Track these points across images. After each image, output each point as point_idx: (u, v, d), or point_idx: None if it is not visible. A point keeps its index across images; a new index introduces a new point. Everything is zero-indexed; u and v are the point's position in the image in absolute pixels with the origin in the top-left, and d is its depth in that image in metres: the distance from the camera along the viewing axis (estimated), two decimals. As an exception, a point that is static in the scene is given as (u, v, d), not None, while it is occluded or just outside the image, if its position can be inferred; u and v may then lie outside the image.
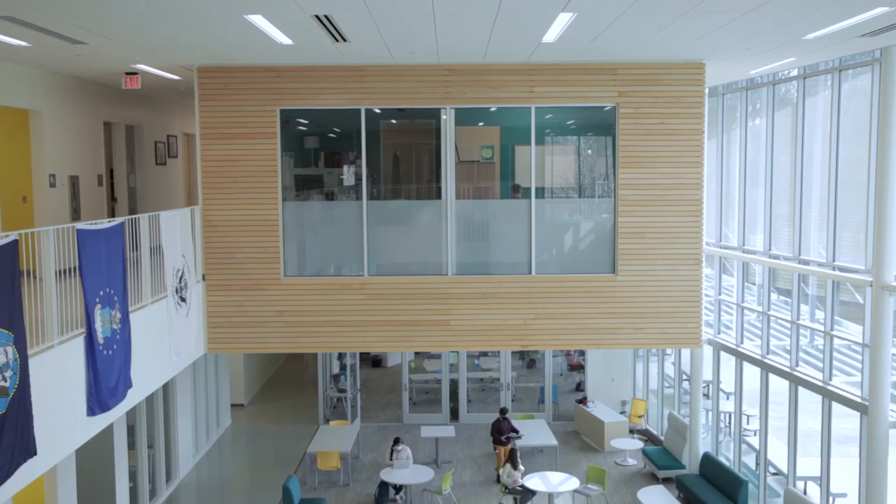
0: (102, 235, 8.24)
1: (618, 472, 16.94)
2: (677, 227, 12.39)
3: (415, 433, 19.05)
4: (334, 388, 21.16)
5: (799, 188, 12.93)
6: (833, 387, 11.82)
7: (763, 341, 13.90)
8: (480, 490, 15.97)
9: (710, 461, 15.13)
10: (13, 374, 6.20)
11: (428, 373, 21.86)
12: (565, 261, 12.86)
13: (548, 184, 13.04)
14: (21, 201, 12.61)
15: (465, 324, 12.45)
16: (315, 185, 13.69)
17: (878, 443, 10.50)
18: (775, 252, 13.71)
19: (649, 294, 12.45)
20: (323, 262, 13.00)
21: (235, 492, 16.41)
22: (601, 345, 12.68)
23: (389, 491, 15.49)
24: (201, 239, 12.19)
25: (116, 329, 8.39)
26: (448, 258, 12.57)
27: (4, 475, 6.15)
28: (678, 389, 17.72)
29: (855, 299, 13.20)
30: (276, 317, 12.37)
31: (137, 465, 14.51)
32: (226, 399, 20.55)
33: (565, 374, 22.32)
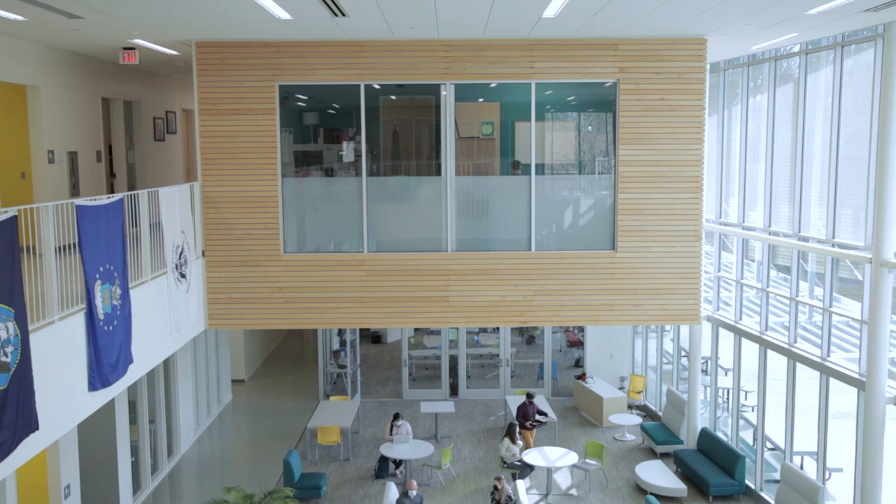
0: (102, 211, 8.23)
1: (616, 447, 17.06)
2: (677, 203, 12.37)
3: (414, 409, 19.17)
4: (334, 363, 21.26)
5: (799, 164, 12.90)
6: (831, 363, 11.87)
7: (762, 318, 13.94)
8: (480, 465, 16.10)
9: (708, 436, 15.24)
10: (14, 350, 6.22)
11: (427, 349, 21.95)
12: (565, 237, 12.86)
13: (548, 160, 13.01)
14: (20, 177, 12.58)
15: (464, 300, 12.48)
16: (314, 162, 13.66)
17: (875, 418, 10.57)
18: (775, 229, 13.70)
19: (649, 270, 12.47)
20: (322, 238, 13.00)
21: (236, 466, 16.53)
22: (600, 321, 12.71)
23: (389, 465, 15.62)
24: (201, 215, 12.18)
25: (117, 305, 8.41)
26: (448, 234, 12.57)
27: (7, 450, 6.20)
28: (677, 366, 17.81)
29: (854, 276, 13.22)
30: (276, 293, 12.40)
31: (139, 440, 14.62)
32: (226, 375, 20.66)
33: (564, 351, 22.42)
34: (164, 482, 15.52)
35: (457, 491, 14.86)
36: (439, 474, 15.43)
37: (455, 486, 15.06)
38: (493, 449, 16.79)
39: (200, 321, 12.07)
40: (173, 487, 15.42)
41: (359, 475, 15.69)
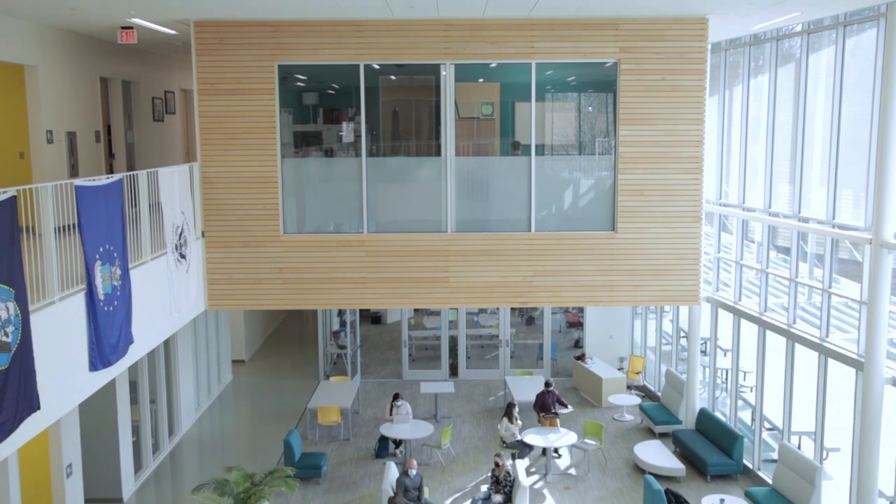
0: (101, 192, 8.22)
1: (615, 427, 17.15)
2: (677, 184, 12.35)
3: (414, 389, 19.24)
4: (334, 344, 21.32)
5: (800, 145, 12.86)
6: (830, 344, 11.90)
7: (761, 299, 13.96)
8: (479, 445, 16.18)
9: (707, 416, 15.31)
10: (15, 330, 6.23)
11: (427, 329, 22.01)
12: (565, 218, 12.86)
13: (548, 141, 12.97)
14: (18, 158, 12.55)
15: (464, 281, 12.49)
16: (314, 142, 13.63)
17: (873, 398, 10.62)
18: (775, 210, 13.69)
19: (648, 251, 12.47)
20: (322, 219, 12.99)
21: (237, 446, 16.63)
22: (600, 302, 12.74)
23: (389, 445, 15.71)
24: (200, 196, 12.16)
25: (117, 285, 8.42)
26: (447, 215, 12.55)
27: (9, 429, 6.22)
28: (676, 346, 17.86)
29: (854, 257, 13.22)
30: (276, 274, 12.41)
31: (140, 420, 14.69)
32: (227, 355, 20.72)
33: (564, 331, 22.48)
34: (165, 462, 15.61)
35: (456, 470, 14.95)
36: (439, 454, 15.52)
37: (455, 466, 15.15)
38: (492, 429, 16.88)
39: (200, 302, 12.09)
40: (174, 467, 15.51)
41: (359, 455, 15.78)
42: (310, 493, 14.01)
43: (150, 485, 14.51)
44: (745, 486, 13.91)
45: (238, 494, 10.85)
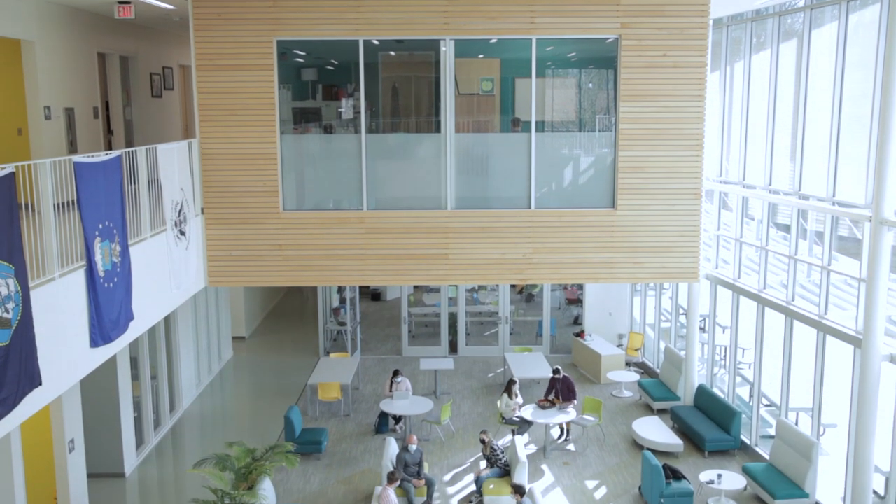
0: (100, 168, 8.19)
1: (614, 403, 17.24)
2: (678, 161, 12.31)
3: (414, 366, 19.33)
4: (334, 321, 21.37)
5: (801, 122, 12.81)
6: (828, 321, 11.94)
7: (760, 276, 13.98)
8: (479, 420, 16.28)
9: (705, 393, 15.39)
10: (15, 306, 6.24)
11: (427, 306, 22.05)
12: (565, 195, 12.83)
13: (548, 117, 12.91)
14: (16, 134, 12.50)
15: (464, 257, 12.49)
16: (313, 118, 13.57)
17: (870, 375, 10.66)
18: (776, 187, 13.66)
19: (648, 228, 12.46)
20: (322, 195, 12.96)
21: (238, 422, 16.73)
22: (599, 279, 12.74)
23: (389, 421, 15.80)
24: (199, 172, 12.12)
25: (116, 262, 8.42)
26: (447, 192, 12.53)
27: (10, 405, 6.25)
28: (675, 323, 17.91)
29: (853, 235, 13.22)
30: (276, 250, 12.41)
31: (141, 396, 14.77)
32: (227, 332, 20.78)
33: (563, 308, 22.53)
34: (166, 437, 15.71)
35: (456, 446, 15.05)
36: (439, 430, 15.61)
37: (454, 441, 15.25)
38: (491, 405, 16.97)
39: (200, 278, 12.09)
40: (176, 442, 15.62)
41: (359, 431, 15.88)
42: (310, 468, 14.11)
43: (151, 460, 14.62)
44: (742, 461, 14.01)
45: (239, 469, 10.93)
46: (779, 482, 12.44)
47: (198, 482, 12.62)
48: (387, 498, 11.21)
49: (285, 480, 13.60)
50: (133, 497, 13.26)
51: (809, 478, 12.15)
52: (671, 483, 12.35)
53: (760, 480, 12.61)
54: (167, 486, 13.75)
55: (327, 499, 13.02)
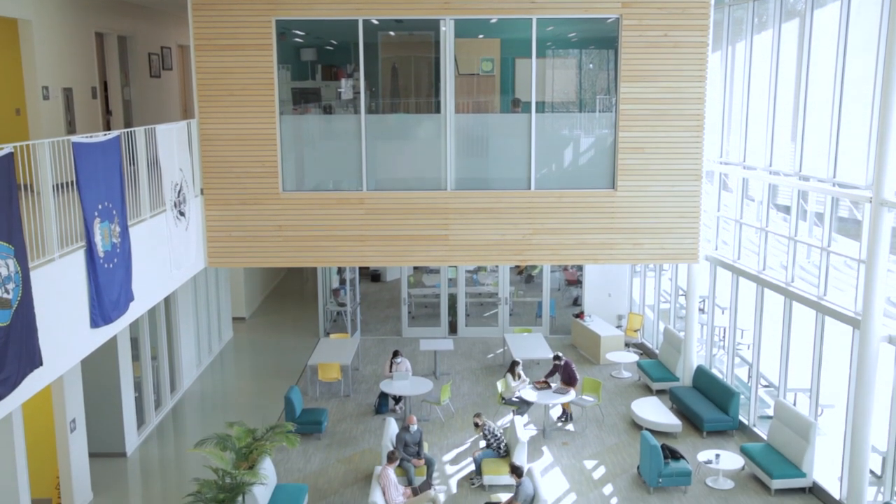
0: (99, 149, 8.17)
1: (613, 384, 17.31)
2: (678, 142, 12.29)
3: (414, 346, 19.38)
4: (334, 302, 21.41)
5: (803, 103, 12.76)
6: (827, 302, 11.96)
7: (760, 257, 13.98)
8: (478, 401, 16.35)
9: (704, 374, 15.44)
10: (16, 287, 6.25)
11: (427, 287, 22.08)
12: (565, 176, 12.81)
13: (548, 98, 12.86)
14: (14, 114, 12.45)
15: (463, 239, 12.49)
16: (312, 99, 13.52)
17: (868, 355, 10.69)
18: (776, 168, 13.63)
19: (648, 209, 12.45)
20: (321, 176, 12.94)
21: (238, 402, 16.79)
22: (599, 260, 12.75)
23: (389, 402, 15.86)
24: (199, 153, 12.10)
25: (116, 243, 8.42)
26: (447, 173, 12.51)
27: (12, 385, 6.28)
28: (674, 304, 17.94)
29: (853, 216, 13.21)
30: (275, 231, 12.40)
31: (142, 376, 14.82)
32: (227, 312, 20.82)
33: (563, 289, 22.56)
34: (167, 417, 15.79)
35: (455, 426, 15.12)
36: (438, 410, 15.68)
37: (454, 422, 15.32)
38: (491, 386, 17.03)
39: (200, 259, 12.10)
40: (177, 422, 15.69)
41: (359, 411, 15.95)
42: (311, 448, 14.19)
43: (152, 440, 14.70)
44: (740, 441, 14.09)
45: (240, 449, 10.99)
46: (776, 462, 12.51)
47: (199, 462, 12.70)
48: (387, 477, 11.28)
49: (286, 460, 13.68)
50: (135, 476, 13.35)
51: (807, 458, 12.23)
52: (669, 463, 12.42)
53: (758, 460, 12.68)
54: (168, 465, 13.84)
55: (327, 478, 13.10)
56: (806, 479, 12.31)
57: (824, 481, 12.28)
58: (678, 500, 12.26)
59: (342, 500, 12.39)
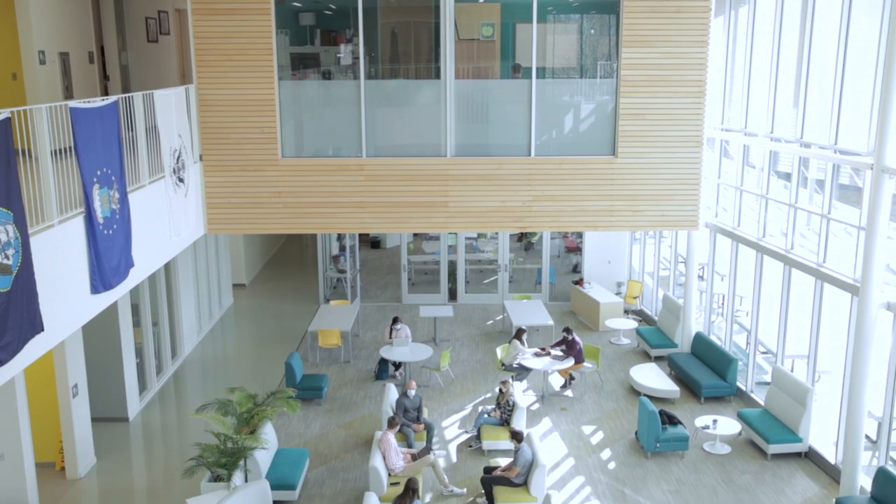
0: (97, 114, 8.12)
1: (611, 350, 17.40)
2: (679, 108, 12.20)
3: (413, 313, 19.45)
4: (334, 268, 21.44)
5: (805, 69, 12.66)
6: (826, 269, 11.97)
7: (760, 224, 13.97)
8: (477, 367, 16.45)
9: (702, 340, 15.52)
10: (15, 253, 6.25)
11: (426, 254, 22.10)
12: (565, 142, 12.75)
13: (549, 64, 12.75)
14: (11, 79, 12.36)
15: (463, 205, 12.47)
16: (311, 64, 13.40)
17: (866, 322, 10.74)
18: (777, 135, 13.57)
19: (648, 176, 12.41)
20: (321, 142, 12.88)
21: (239, 368, 16.90)
22: (599, 227, 12.74)
23: (389, 368, 15.96)
24: (197, 119, 12.02)
25: (115, 209, 8.40)
26: (447, 139, 12.45)
27: (13, 350, 6.31)
28: (674, 271, 17.97)
29: (854, 183, 13.18)
30: (275, 198, 12.38)
31: (143, 342, 14.89)
32: (227, 279, 20.86)
33: (562, 256, 22.58)
34: (169, 383, 15.89)
35: (455, 392, 15.23)
36: (438, 376, 15.79)
37: (453, 388, 15.43)
38: (490, 352, 17.12)
39: (200, 225, 12.09)
40: (178, 388, 15.81)
41: (359, 377, 16.05)
42: (311, 414, 14.31)
43: (154, 405, 14.81)
44: (737, 407, 14.20)
45: (241, 414, 11.07)
46: (773, 427, 12.63)
47: (200, 427, 12.82)
48: (387, 442, 11.39)
49: (286, 425, 13.80)
50: (137, 441, 13.47)
51: (803, 423, 12.33)
52: (667, 428, 12.53)
53: (755, 426, 12.80)
54: (170, 430, 13.96)
55: (328, 443, 13.22)
56: (802, 444, 12.43)
57: (820, 446, 12.40)
58: (675, 465, 12.39)
59: (343, 464, 12.52)
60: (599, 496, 11.56)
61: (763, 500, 11.40)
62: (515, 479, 11.02)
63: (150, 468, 12.58)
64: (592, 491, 11.71)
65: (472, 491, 11.65)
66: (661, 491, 11.66)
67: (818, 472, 12.16)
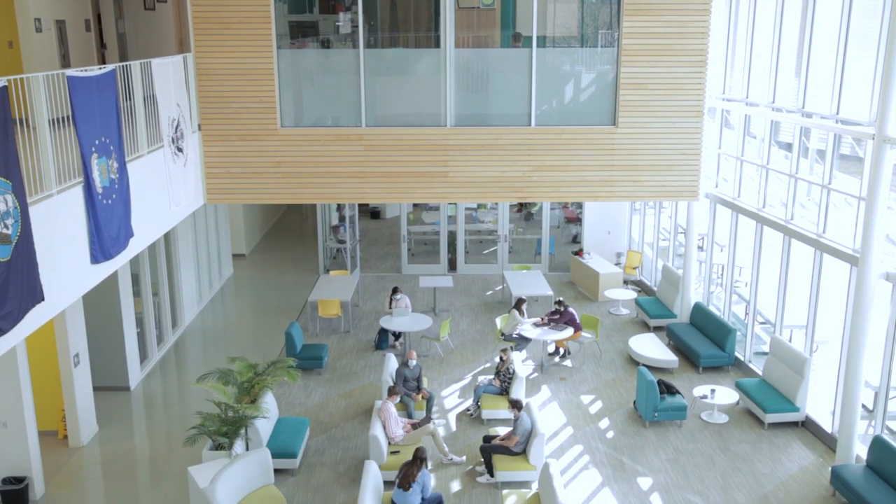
0: (94, 83, 8.06)
1: (610, 320, 17.46)
2: (681, 77, 12.12)
3: (413, 283, 19.49)
4: (334, 239, 21.44)
5: (808, 38, 12.55)
6: (826, 239, 11.97)
7: (760, 194, 13.95)
8: (477, 337, 16.52)
9: (701, 310, 15.57)
10: (15, 222, 6.24)
11: (426, 224, 22.10)
12: (565, 112, 12.67)
13: (550, 33, 12.63)
14: (7, 47, 12.26)
15: (463, 175, 12.43)
16: (310, 33, 13.27)
17: (865, 292, 10.76)
18: (779, 105, 13.49)
19: (649, 146, 12.36)
20: (320, 112, 12.80)
21: (239, 338, 16.97)
22: (599, 197, 12.71)
23: (389, 338, 16.03)
24: (195, 88, 11.94)
25: (114, 179, 8.38)
26: (447, 109, 12.37)
27: (14, 319, 6.33)
28: (673, 242, 17.98)
29: (855, 153, 13.12)
30: (274, 168, 12.34)
31: (143, 312, 14.93)
32: (227, 249, 20.88)
33: (562, 227, 22.58)
34: (169, 352, 15.97)
35: (454, 362, 15.31)
36: (438, 346, 15.86)
37: (453, 357, 15.50)
38: (490, 322, 17.18)
39: (199, 195, 12.07)
40: (179, 358, 15.88)
41: (359, 347, 16.12)
42: (311, 383, 14.40)
43: (155, 374, 14.90)
44: (735, 377, 14.28)
45: (242, 383, 11.14)
46: (770, 397, 12.71)
47: (201, 396, 12.90)
48: (387, 411, 11.47)
49: (287, 394, 13.90)
50: (139, 409, 13.57)
51: (800, 392, 12.42)
52: (665, 398, 12.62)
53: (752, 395, 12.88)
54: (171, 399, 14.06)
55: (328, 412, 13.32)
56: (799, 413, 12.53)
57: (817, 415, 12.49)
58: (673, 434, 12.49)
59: (343, 433, 12.62)
60: (597, 465, 11.67)
61: (759, 468, 11.51)
62: (514, 448, 11.12)
63: (151, 436, 12.68)
64: (591, 460, 11.82)
65: (471, 459, 11.76)
66: (659, 459, 11.77)
67: (814, 441, 12.27)
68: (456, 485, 11.17)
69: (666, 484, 11.14)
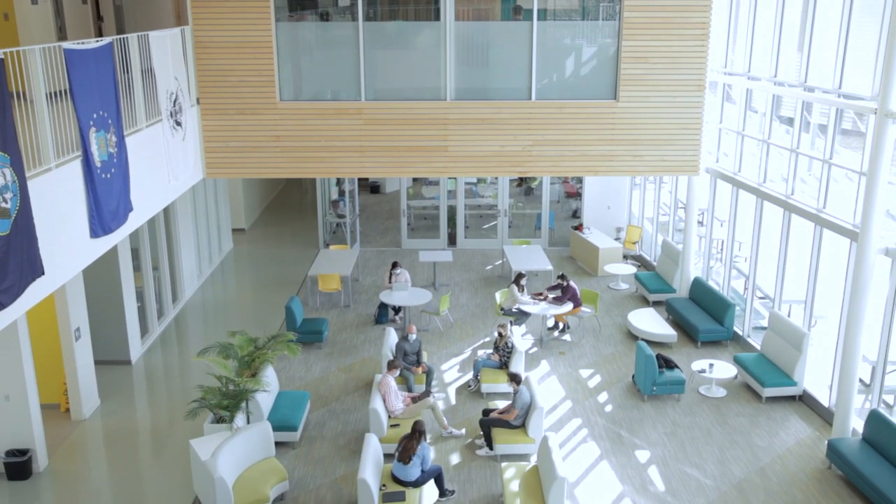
0: (91, 56, 8.00)
1: (610, 295, 17.49)
2: (682, 51, 12.03)
3: (413, 258, 19.50)
4: (333, 213, 21.42)
5: (811, 11, 12.44)
6: (826, 214, 11.96)
7: (760, 169, 13.91)
8: (476, 312, 16.56)
9: (700, 285, 15.59)
10: (13, 196, 6.23)
11: (426, 199, 22.07)
12: (566, 86, 12.60)
13: (550, 5, 12.53)
14: (3, 19, 12.15)
15: (463, 150, 12.39)
16: (309, 5, 13.15)
17: (864, 267, 10.76)
18: (781, 79, 13.41)
19: (650, 121, 12.30)
20: (319, 86, 12.73)
21: (240, 312, 17.00)
22: (599, 172, 12.68)
23: (389, 312, 16.07)
24: (193, 61, 11.86)
25: (113, 153, 8.35)
26: (447, 82, 12.30)
27: (15, 293, 6.33)
28: (673, 217, 17.96)
29: (856, 128, 13.07)
30: (273, 142, 12.29)
31: (144, 286, 14.95)
32: (227, 224, 20.86)
33: (562, 201, 22.55)
34: (170, 326, 16.01)
35: (454, 336, 15.36)
36: (437, 320, 15.90)
37: (453, 332, 15.55)
38: (489, 297, 17.22)
39: (198, 169, 12.04)
40: (179, 332, 15.93)
41: (359, 321, 16.16)
42: (312, 357, 14.45)
43: (156, 348, 14.95)
44: (734, 352, 14.34)
45: (242, 357, 11.18)
46: (768, 371, 12.77)
47: (202, 370, 12.96)
48: (387, 385, 11.53)
49: (287, 368, 13.96)
50: (140, 383, 13.63)
51: (798, 367, 12.47)
52: (664, 372, 12.68)
53: (751, 369, 12.94)
54: (172, 372, 14.12)
55: (329, 385, 13.39)
56: (796, 387, 12.59)
57: (814, 390, 12.56)
58: (671, 408, 12.57)
59: (343, 406, 12.69)
60: (596, 438, 11.75)
61: (757, 441, 11.59)
62: (513, 422, 11.19)
63: (153, 410, 12.76)
64: (589, 433, 11.90)
65: (470, 433, 11.84)
66: (657, 433, 11.85)
67: (811, 415, 12.34)
68: (455, 458, 11.26)
69: (664, 457, 11.22)
